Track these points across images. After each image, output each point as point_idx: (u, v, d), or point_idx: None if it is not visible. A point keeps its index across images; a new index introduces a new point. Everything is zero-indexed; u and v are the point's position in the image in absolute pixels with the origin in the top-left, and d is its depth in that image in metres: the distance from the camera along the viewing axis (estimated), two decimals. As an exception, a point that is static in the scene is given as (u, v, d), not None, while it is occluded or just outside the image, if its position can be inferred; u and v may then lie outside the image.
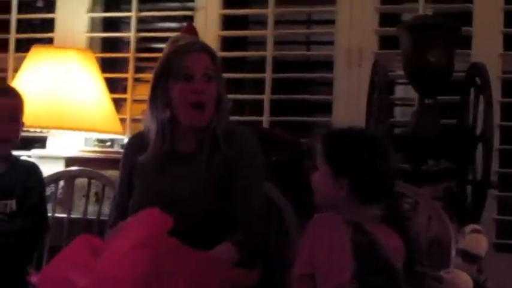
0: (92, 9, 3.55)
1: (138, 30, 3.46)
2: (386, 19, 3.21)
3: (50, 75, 3.15)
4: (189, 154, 2.19)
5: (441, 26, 2.76)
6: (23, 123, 2.53)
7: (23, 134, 2.56)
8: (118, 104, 3.39)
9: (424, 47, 2.71)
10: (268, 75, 3.23)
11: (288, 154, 2.87)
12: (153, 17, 3.63)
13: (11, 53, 3.59)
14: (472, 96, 2.74)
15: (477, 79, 2.71)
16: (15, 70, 3.35)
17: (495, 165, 2.85)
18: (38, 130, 3.18)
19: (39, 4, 3.74)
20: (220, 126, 2.19)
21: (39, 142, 3.35)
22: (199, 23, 3.27)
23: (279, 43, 3.30)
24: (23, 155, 3.02)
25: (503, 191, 2.92)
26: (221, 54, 3.15)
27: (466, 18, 3.03)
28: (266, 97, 3.23)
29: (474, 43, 3.02)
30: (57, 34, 3.52)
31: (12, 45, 3.59)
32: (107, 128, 3.21)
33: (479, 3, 3.03)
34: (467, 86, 2.77)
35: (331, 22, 3.24)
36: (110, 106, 3.24)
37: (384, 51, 3.12)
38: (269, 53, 3.25)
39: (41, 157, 3.12)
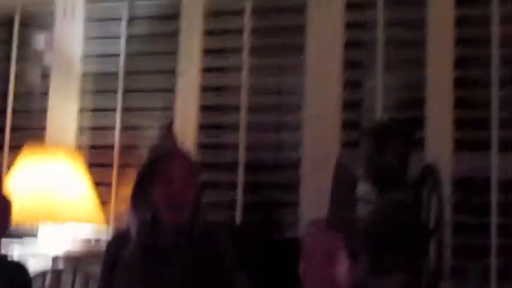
0: (80, 118, 3.81)
1: (122, 136, 3.72)
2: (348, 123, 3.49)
3: (40, 174, 3.40)
4: (168, 249, 2.39)
5: (397, 130, 3.02)
6: (9, 225, 2.67)
7: (13, 228, 2.71)
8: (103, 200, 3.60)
9: (382, 149, 2.95)
10: (240, 178, 3.50)
11: (263, 250, 3.09)
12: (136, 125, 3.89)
13: (6, 153, 3.83)
14: (425, 194, 2.99)
15: (429, 178, 2.98)
16: (9, 168, 3.59)
17: (449, 258, 3.07)
18: (28, 226, 3.38)
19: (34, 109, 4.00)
20: (196, 224, 2.42)
21: (29, 237, 3.52)
22: (178, 130, 3.54)
23: (251, 148, 3.57)
24: (12, 251, 3.13)
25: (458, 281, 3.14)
26: (198, 157, 3.41)
27: (420, 123, 3.30)
28: (239, 198, 3.48)
29: (427, 145, 3.27)
30: (48, 138, 3.77)
31: (6, 147, 3.85)
32: (92, 221, 3.44)
33: (432, 110, 3.30)
34: (421, 184, 2.99)
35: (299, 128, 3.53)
36: (95, 202, 3.47)
37: (346, 153, 3.36)
38: (241, 156, 3.52)
39: (29, 254, 3.31)
